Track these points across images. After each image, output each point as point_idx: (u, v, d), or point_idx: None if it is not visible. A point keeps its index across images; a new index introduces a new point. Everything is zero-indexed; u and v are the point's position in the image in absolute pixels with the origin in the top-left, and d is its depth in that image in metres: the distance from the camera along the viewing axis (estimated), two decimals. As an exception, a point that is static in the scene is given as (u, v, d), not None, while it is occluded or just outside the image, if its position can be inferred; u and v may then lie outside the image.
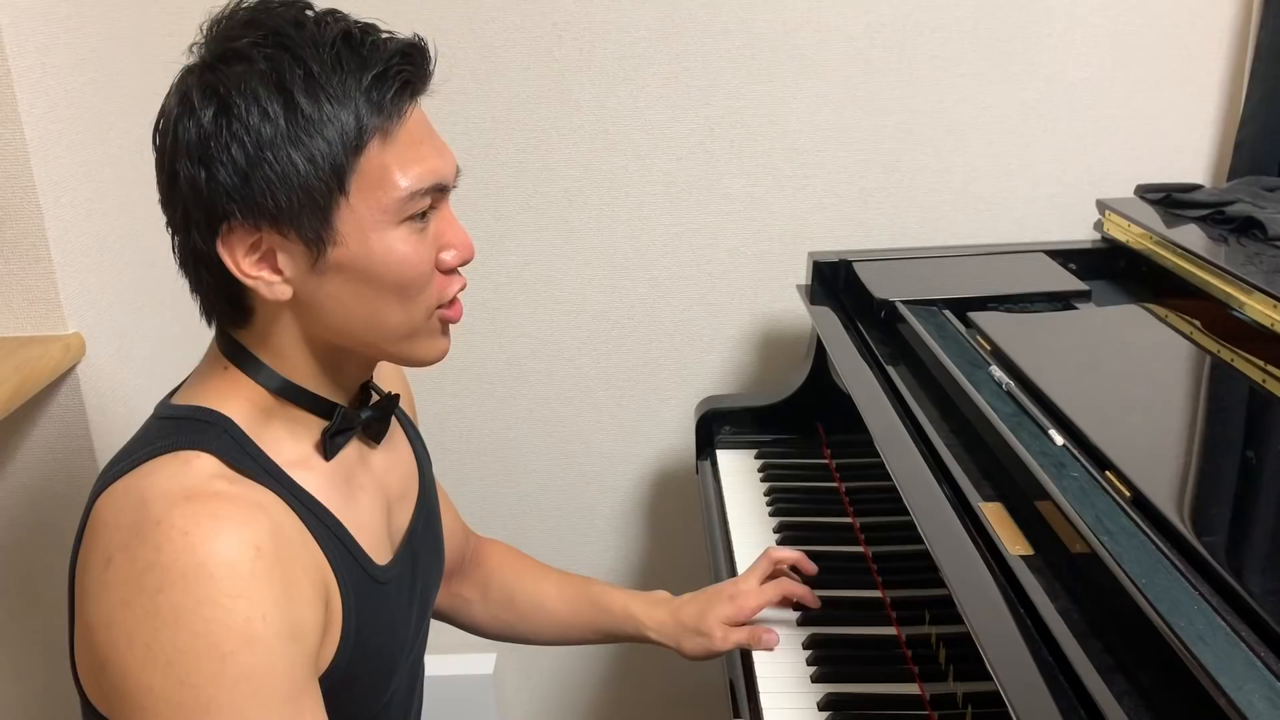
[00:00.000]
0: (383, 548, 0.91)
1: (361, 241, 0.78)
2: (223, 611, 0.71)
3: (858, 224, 1.66)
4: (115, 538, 0.74)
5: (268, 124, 0.75)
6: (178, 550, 0.71)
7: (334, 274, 0.79)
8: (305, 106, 0.75)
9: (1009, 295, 1.31)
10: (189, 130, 0.76)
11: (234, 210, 0.76)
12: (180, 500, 0.73)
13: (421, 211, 0.80)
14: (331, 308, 0.81)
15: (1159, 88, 1.59)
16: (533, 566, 1.23)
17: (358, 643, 0.84)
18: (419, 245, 0.81)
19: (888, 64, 1.58)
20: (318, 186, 0.76)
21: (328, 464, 0.86)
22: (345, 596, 0.83)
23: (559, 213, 1.66)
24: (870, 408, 1.15)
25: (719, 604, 1.13)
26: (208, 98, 0.75)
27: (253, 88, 0.74)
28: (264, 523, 0.75)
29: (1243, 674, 0.65)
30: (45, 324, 1.26)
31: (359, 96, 0.76)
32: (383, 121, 0.77)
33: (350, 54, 0.77)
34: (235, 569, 0.72)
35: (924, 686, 1.04)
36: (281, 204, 0.76)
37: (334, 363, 0.85)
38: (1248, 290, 1.14)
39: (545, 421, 1.78)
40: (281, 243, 0.78)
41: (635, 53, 1.58)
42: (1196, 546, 0.77)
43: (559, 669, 1.94)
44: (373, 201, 0.78)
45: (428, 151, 0.80)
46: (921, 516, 0.94)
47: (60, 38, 1.26)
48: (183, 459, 0.77)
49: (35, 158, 1.20)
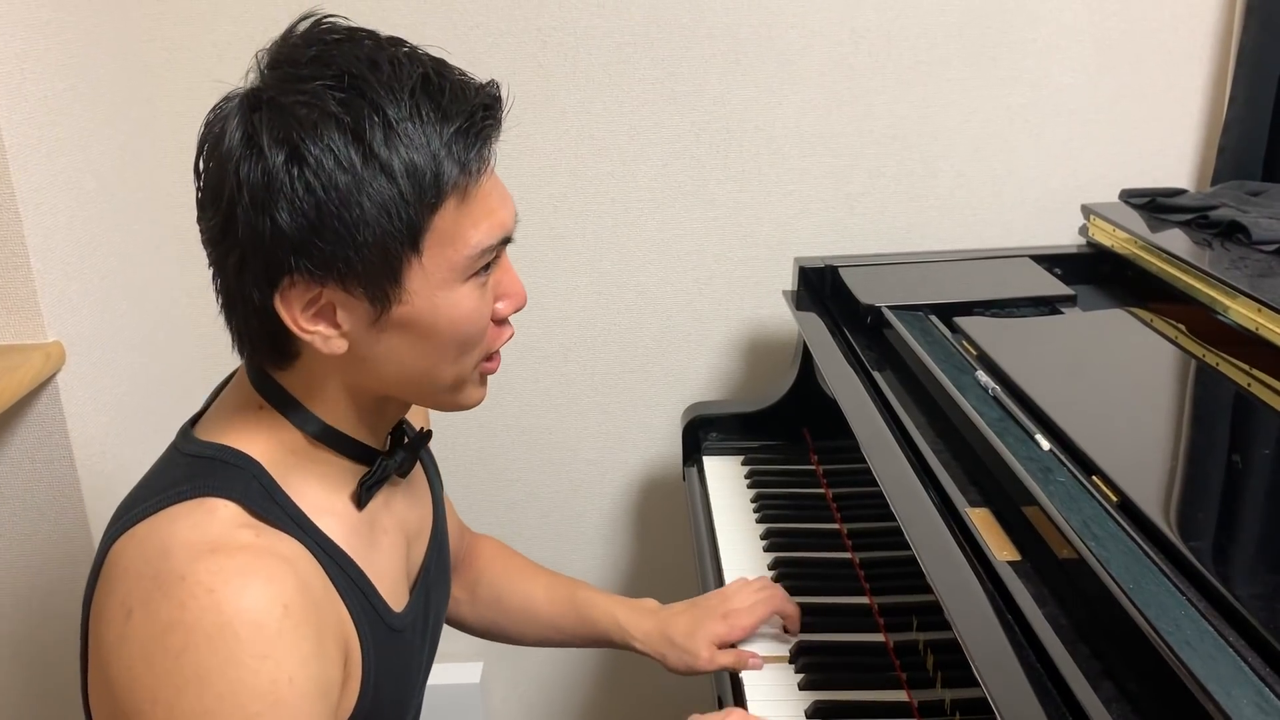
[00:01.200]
0: (400, 592, 0.90)
1: (428, 299, 0.76)
2: (249, 673, 0.69)
3: (843, 229, 1.66)
4: (136, 588, 0.71)
5: (342, 174, 0.70)
6: (203, 609, 0.68)
7: (395, 330, 0.76)
8: (383, 156, 0.71)
9: (995, 300, 1.31)
10: (255, 174, 0.71)
11: (300, 264, 0.72)
12: (205, 553, 0.70)
13: (486, 265, 0.79)
14: (385, 362, 0.78)
15: (1143, 93, 1.60)
16: (522, 566, 1.23)
17: (375, 694, 0.83)
18: (481, 300, 0.79)
19: (873, 69, 1.58)
20: (391, 245, 0.73)
21: (355, 511, 0.84)
22: (365, 650, 0.81)
23: (544, 219, 1.65)
24: (857, 413, 1.15)
25: (711, 622, 1.11)
26: (278, 141, 0.70)
27: (328, 134, 0.70)
28: (291, 579, 0.72)
29: (1231, 679, 0.64)
30: (25, 332, 1.24)
31: (440, 149, 0.73)
32: (463, 179, 0.75)
33: (429, 102, 0.73)
34: (262, 629, 0.69)
35: (912, 693, 1.04)
36: (352, 261, 0.72)
37: (376, 409, 0.83)
38: (1232, 294, 1.14)
39: (531, 429, 1.78)
40: (344, 299, 0.74)
41: (620, 58, 1.58)
42: (1184, 551, 0.77)
43: (546, 677, 1.93)
44: (443, 259, 0.75)
45: (496, 204, 0.79)
46: (908, 522, 0.94)
47: (39, 44, 1.25)
48: (207, 507, 0.74)
49: (14, 165, 1.19)
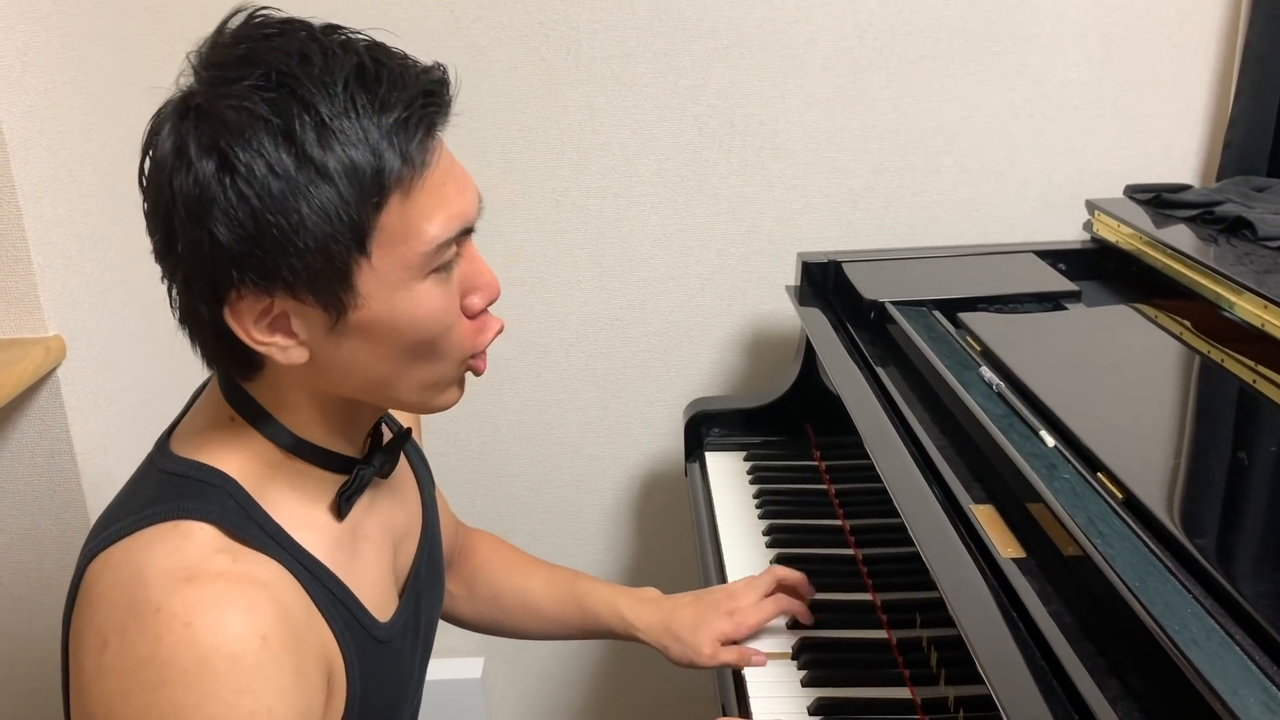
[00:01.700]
0: (387, 601, 0.88)
1: (385, 301, 0.71)
2: (226, 709, 0.67)
3: (847, 224, 1.65)
4: (111, 618, 0.69)
5: (275, 180, 0.66)
6: (179, 643, 0.66)
7: (354, 334, 0.73)
8: (317, 157, 0.66)
9: (999, 296, 1.31)
10: (186, 186, 0.67)
11: (243, 278, 0.68)
12: (180, 583, 0.68)
13: (448, 261, 0.74)
14: (350, 369, 0.75)
15: (1148, 88, 1.59)
16: (520, 561, 1.22)
17: (362, 708, 0.81)
18: (445, 297, 0.74)
19: (876, 64, 1.58)
20: (336, 249, 0.68)
21: (335, 523, 0.82)
22: (349, 667, 0.80)
23: (546, 213, 1.65)
24: (860, 409, 1.14)
25: (716, 619, 1.11)
26: (206, 150, 0.67)
27: (257, 138, 0.66)
28: (269, 607, 0.70)
29: (1238, 678, 0.64)
30: (25, 326, 1.24)
31: (379, 143, 0.68)
32: (407, 172, 0.70)
33: (365, 93, 0.68)
34: (239, 662, 0.67)
35: (915, 690, 1.04)
36: (297, 270, 0.68)
37: (348, 415, 0.80)
38: (1238, 290, 1.14)
39: (533, 424, 1.77)
40: (296, 308, 0.71)
41: (623, 52, 1.57)
42: (1190, 549, 0.76)
43: (547, 672, 1.93)
44: (396, 258, 0.71)
45: (452, 194, 0.73)
46: (912, 519, 0.93)
47: (40, 36, 1.24)
48: (182, 530, 0.71)
49: (15, 158, 1.18)
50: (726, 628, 1.10)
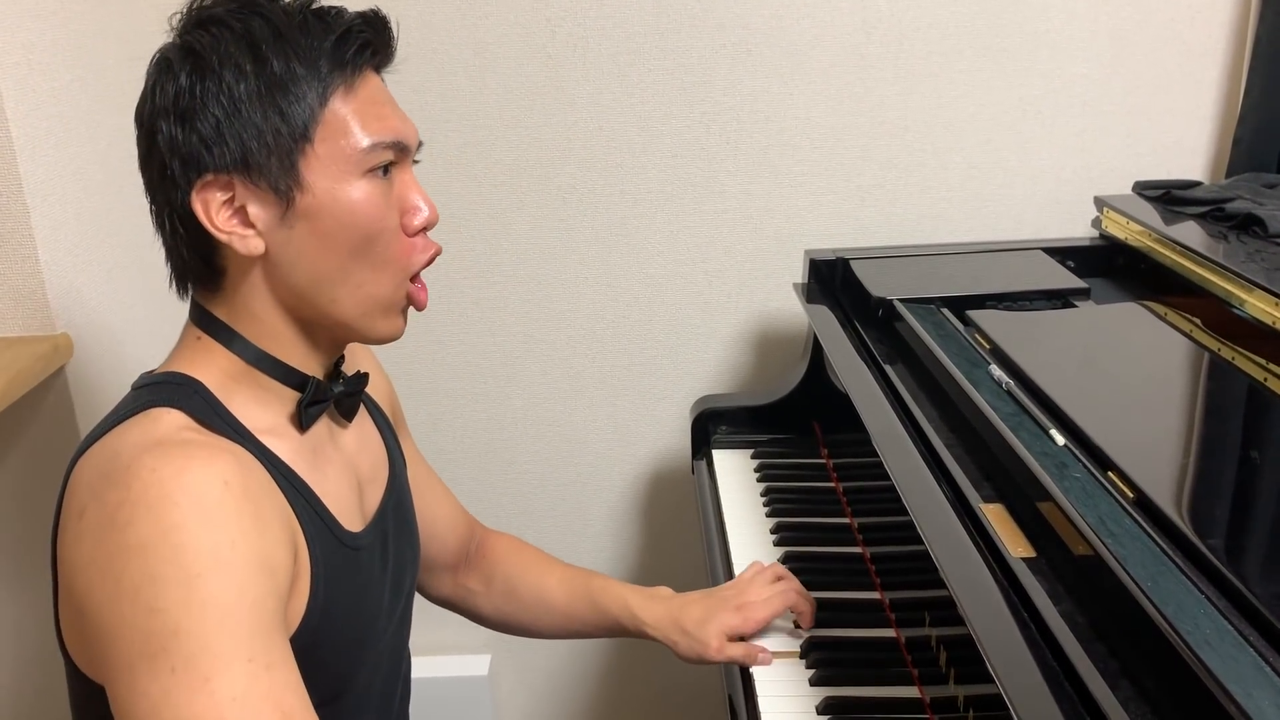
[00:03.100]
0: (353, 517, 0.92)
1: (327, 190, 0.82)
2: (190, 536, 0.72)
3: (855, 221, 1.65)
4: (88, 490, 0.76)
5: (242, 81, 0.80)
6: (146, 485, 0.73)
7: (302, 224, 0.82)
8: (275, 64, 0.80)
9: (1007, 293, 1.30)
10: (167, 90, 0.81)
11: (209, 160, 0.80)
12: (151, 445, 0.76)
13: (383, 166, 0.84)
14: (299, 262, 0.83)
15: (1157, 84, 1.58)
16: (537, 559, 1.24)
17: (326, 603, 0.84)
18: (379, 199, 0.84)
19: (884, 60, 1.57)
20: (286, 136, 0.81)
21: (298, 435, 0.88)
22: (313, 552, 0.84)
23: (553, 210, 1.65)
24: (868, 407, 1.14)
25: (724, 613, 1.12)
26: (185, 59, 0.81)
27: (227, 48, 0.80)
28: (232, 463, 0.77)
29: (1251, 680, 0.63)
30: (33, 324, 1.24)
31: (323, 55, 0.82)
32: (345, 76, 0.83)
33: (316, 20, 0.83)
34: (203, 498, 0.73)
35: (924, 689, 1.03)
36: (252, 151, 0.80)
37: (305, 332, 0.87)
38: (1248, 288, 1.13)
39: (540, 421, 1.77)
40: (253, 193, 0.81)
41: (630, 48, 1.57)
42: (1202, 549, 0.76)
43: (554, 669, 1.93)
44: (336, 150, 0.82)
45: (388, 113, 0.85)
46: (921, 517, 0.93)
47: (46, 34, 1.24)
48: (153, 415, 0.80)
49: (22, 156, 1.18)
50: (734, 622, 1.11)
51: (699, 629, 1.11)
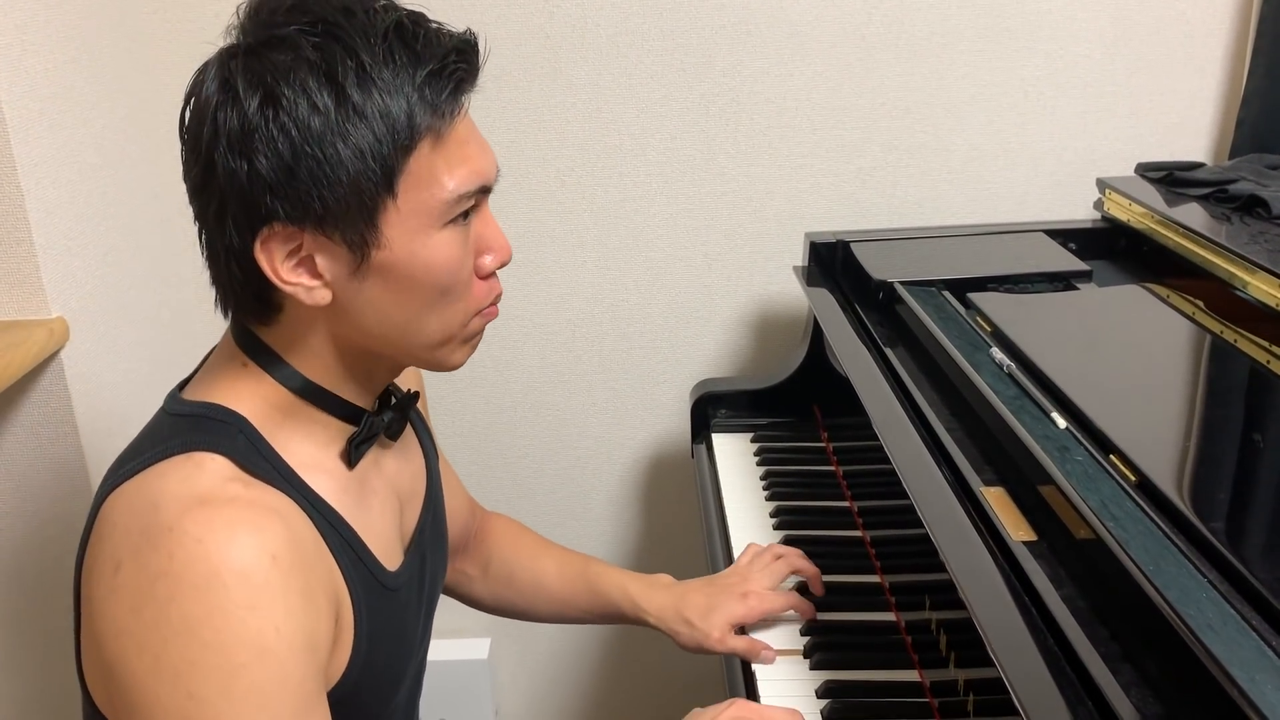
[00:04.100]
0: (394, 553, 0.89)
1: (406, 244, 0.76)
2: (235, 622, 0.69)
3: (855, 204, 1.64)
4: (125, 542, 0.71)
5: (316, 116, 0.71)
6: (191, 558, 0.69)
7: (375, 278, 0.76)
8: (356, 99, 0.72)
9: (1009, 276, 1.29)
10: (231, 119, 0.72)
11: (277, 209, 0.72)
12: (194, 505, 0.71)
13: (464, 213, 0.78)
14: (368, 312, 0.78)
15: (1160, 65, 1.57)
16: (534, 543, 1.22)
17: (368, 653, 0.82)
18: (461, 248, 0.79)
19: (885, 41, 1.56)
20: (366, 186, 0.73)
21: (344, 469, 0.84)
22: (357, 607, 0.81)
23: (551, 193, 1.64)
24: (868, 390, 1.13)
25: (729, 602, 1.10)
26: (253, 86, 0.71)
27: (301, 78, 0.71)
28: (280, 530, 0.73)
29: (1254, 664, 0.63)
30: (28, 308, 1.23)
31: (412, 93, 0.73)
32: (436, 122, 0.75)
33: (403, 47, 0.73)
34: (249, 578, 0.69)
35: (924, 673, 1.03)
36: (328, 203, 0.73)
37: (363, 366, 0.83)
38: (1251, 269, 1.13)
39: (539, 405, 1.77)
40: (324, 245, 0.75)
41: (629, 29, 1.55)
42: (1204, 532, 0.75)
43: (554, 653, 1.93)
44: (419, 204, 0.75)
45: (474, 152, 0.78)
46: (922, 501, 0.92)
47: (40, 14, 1.23)
48: (195, 460, 0.74)
49: (15, 137, 1.17)
50: (739, 611, 1.09)
51: (702, 619, 1.09)
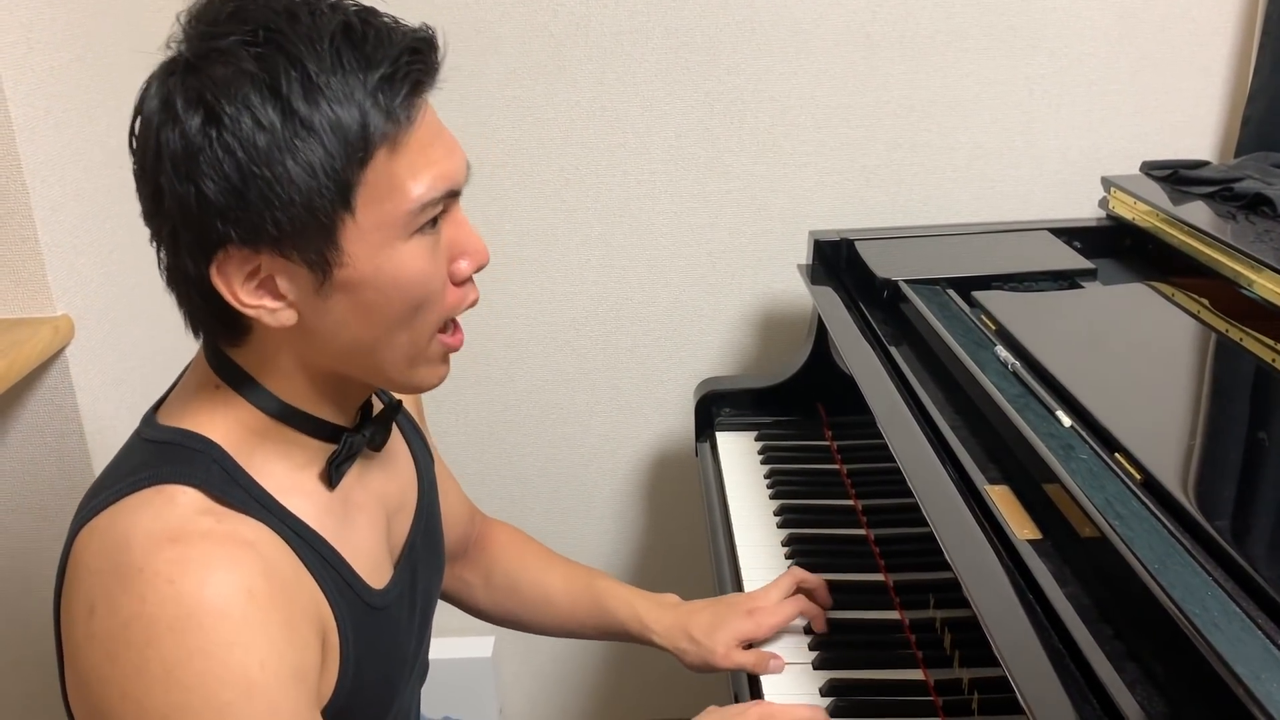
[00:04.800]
0: (382, 569, 0.87)
1: (370, 260, 0.71)
2: (216, 663, 0.67)
3: (859, 202, 1.64)
4: (97, 584, 0.69)
5: (262, 134, 0.67)
6: (163, 600, 0.66)
7: (341, 296, 0.72)
8: (303, 112, 0.67)
9: (1014, 274, 1.29)
10: (173, 141, 0.68)
11: (230, 234, 0.69)
12: (164, 543, 0.68)
13: (432, 219, 0.74)
14: (337, 332, 0.74)
15: (1165, 63, 1.57)
16: (539, 554, 1.20)
17: (356, 675, 0.81)
18: (430, 259, 0.74)
19: (890, 39, 1.55)
20: (321, 204, 0.69)
21: (325, 490, 0.81)
22: (343, 631, 0.79)
23: (555, 191, 1.64)
24: (873, 388, 1.13)
25: (735, 619, 1.08)
26: (193, 104, 0.67)
27: (244, 93, 0.67)
28: (255, 563, 0.70)
29: (1260, 662, 0.63)
30: (33, 306, 1.23)
31: (364, 100, 0.68)
32: (392, 129, 0.70)
33: (352, 50, 0.69)
34: (227, 617, 0.67)
35: (929, 672, 1.03)
36: (282, 224, 0.68)
37: (337, 385, 0.80)
38: (1257, 268, 1.12)
39: (543, 404, 1.77)
40: (283, 266, 0.71)
41: (633, 27, 1.55)
42: (1210, 531, 0.75)
43: (558, 652, 1.93)
44: (381, 216, 0.71)
45: (438, 155, 0.73)
46: (926, 500, 0.92)
47: (45, 12, 1.23)
48: (166, 495, 0.71)
49: (21, 136, 1.17)
50: (746, 627, 1.08)
51: (708, 636, 1.07)
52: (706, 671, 1.10)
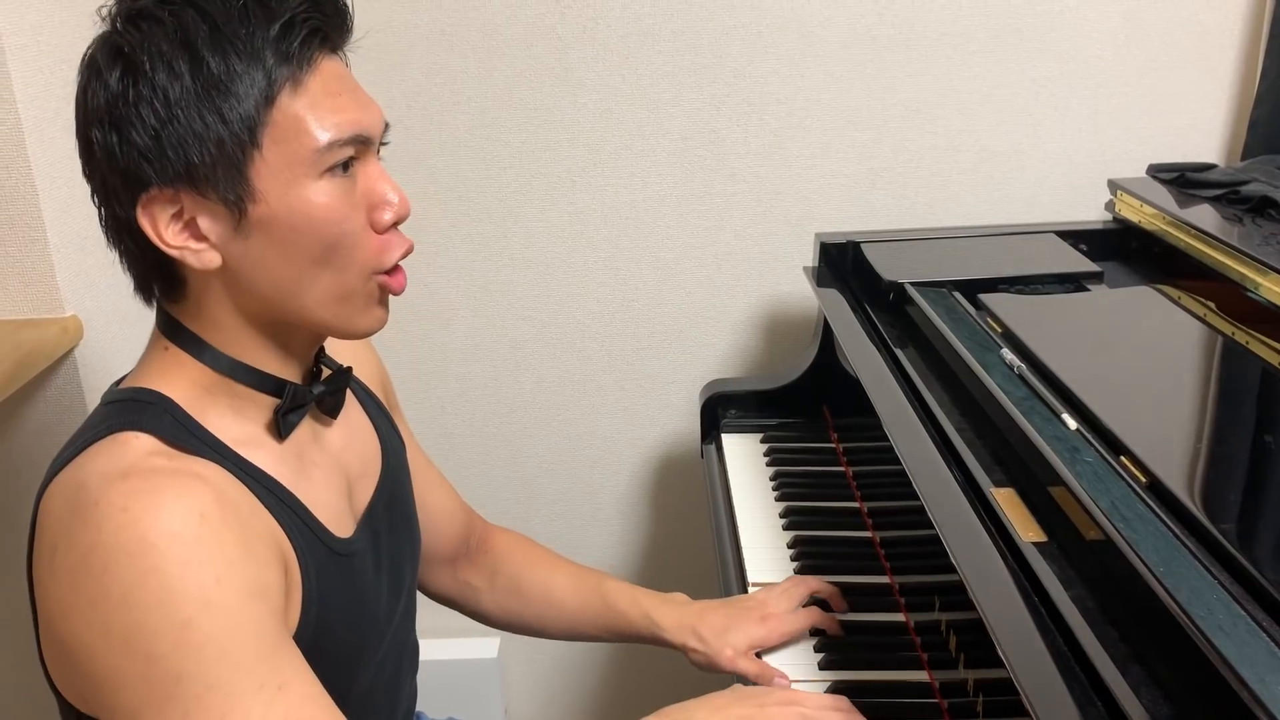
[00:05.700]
0: (344, 522, 0.89)
1: (281, 197, 0.77)
2: (173, 580, 0.70)
3: (865, 205, 1.64)
4: (59, 526, 0.74)
5: (175, 82, 0.74)
6: (118, 527, 0.70)
7: (259, 234, 0.77)
8: (212, 63, 0.74)
9: (1020, 277, 1.29)
10: (97, 95, 0.75)
11: (150, 174, 0.75)
12: (116, 479, 0.73)
13: (343, 163, 0.78)
14: (260, 273, 0.79)
15: (1172, 65, 1.57)
16: (544, 557, 1.21)
17: (320, 615, 0.83)
18: (342, 199, 0.79)
19: (896, 41, 1.56)
20: (230, 142, 0.75)
21: (279, 444, 0.84)
22: (304, 564, 0.82)
23: (562, 193, 1.64)
24: (879, 391, 1.13)
25: (748, 624, 1.08)
26: (113, 60, 0.75)
27: (158, 46, 0.74)
28: (206, 491, 0.74)
29: (1265, 665, 0.63)
30: (42, 307, 1.24)
31: (266, 48, 0.75)
32: (292, 70, 0.76)
33: (258, 6, 0.76)
34: (180, 537, 0.71)
35: (934, 674, 1.03)
36: (195, 162, 0.75)
37: (277, 336, 0.83)
38: (1263, 271, 1.12)
39: (549, 405, 1.77)
40: (202, 205, 0.76)
41: (640, 29, 1.55)
42: (1215, 534, 0.75)
43: (563, 653, 1.94)
44: (289, 154, 0.76)
45: (346, 103, 0.79)
46: (932, 502, 0.92)
47: (55, 15, 1.24)
48: (120, 440, 0.76)
49: (31, 138, 1.18)
50: (759, 634, 1.07)
51: (717, 638, 1.07)
52: (710, 671, 1.10)
